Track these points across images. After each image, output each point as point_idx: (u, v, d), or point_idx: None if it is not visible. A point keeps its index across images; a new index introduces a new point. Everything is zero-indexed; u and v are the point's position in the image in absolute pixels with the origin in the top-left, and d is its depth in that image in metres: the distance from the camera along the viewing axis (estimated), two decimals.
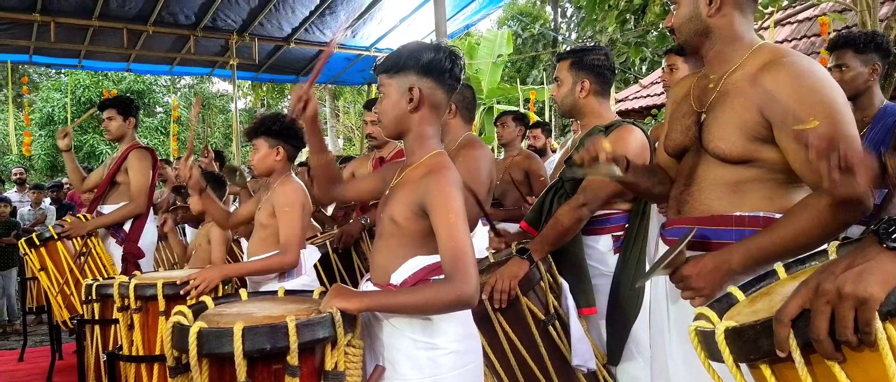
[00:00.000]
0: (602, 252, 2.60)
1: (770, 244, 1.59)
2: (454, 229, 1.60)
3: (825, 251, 1.31)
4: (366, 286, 1.86)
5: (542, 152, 5.86)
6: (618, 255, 2.58)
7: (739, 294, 1.29)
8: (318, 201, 4.05)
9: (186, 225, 6.19)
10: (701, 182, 1.77)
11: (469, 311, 1.76)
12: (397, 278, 1.73)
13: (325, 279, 3.41)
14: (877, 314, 0.84)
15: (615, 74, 2.82)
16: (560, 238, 2.43)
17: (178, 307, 1.76)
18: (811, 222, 1.55)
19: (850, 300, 0.87)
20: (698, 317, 1.22)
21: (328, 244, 3.32)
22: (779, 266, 1.34)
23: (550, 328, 2.28)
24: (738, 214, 1.70)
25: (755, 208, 1.68)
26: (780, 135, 1.62)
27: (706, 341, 1.10)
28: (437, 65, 1.72)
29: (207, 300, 1.92)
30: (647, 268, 1.71)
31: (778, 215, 1.66)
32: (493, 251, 2.70)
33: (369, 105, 3.79)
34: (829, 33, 6.31)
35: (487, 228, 2.72)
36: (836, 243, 1.30)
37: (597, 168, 1.78)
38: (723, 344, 1.03)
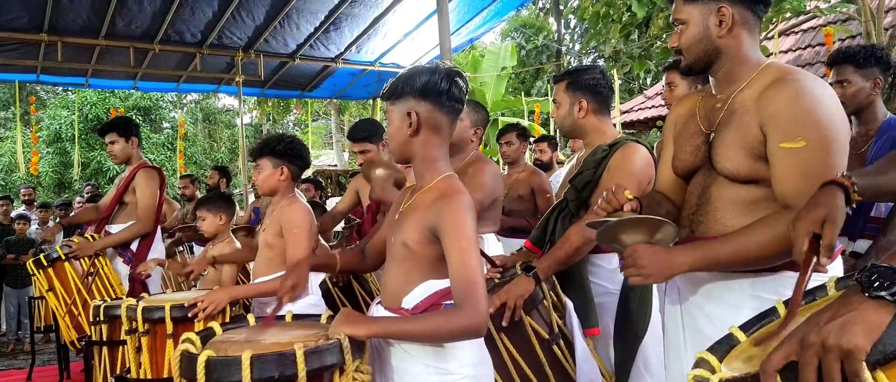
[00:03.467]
0: (609, 271, 2.59)
1: (723, 254, 1.62)
2: (466, 257, 1.59)
3: (824, 286, 1.31)
4: (376, 309, 1.86)
5: (548, 166, 5.85)
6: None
7: (740, 335, 1.30)
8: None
9: (193, 243, 6.21)
10: (714, 202, 1.77)
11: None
12: (409, 302, 1.73)
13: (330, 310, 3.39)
14: (864, 364, 0.84)
15: (613, 92, 2.81)
16: (569, 258, 2.41)
17: (186, 334, 1.77)
18: (770, 240, 1.56)
19: (836, 352, 0.87)
20: (698, 363, 1.23)
21: (328, 279, 3.31)
22: (779, 304, 1.34)
23: (555, 348, 2.26)
24: None
25: None
26: (768, 149, 1.63)
27: None
28: (433, 87, 1.73)
29: (215, 325, 1.92)
30: (613, 223, 1.70)
31: None
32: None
33: (352, 137, 3.71)
34: (834, 43, 6.31)
35: (495, 250, 2.70)
36: (835, 278, 1.30)
37: (620, 215, 1.75)
38: None
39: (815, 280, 1.58)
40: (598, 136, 2.63)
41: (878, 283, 0.88)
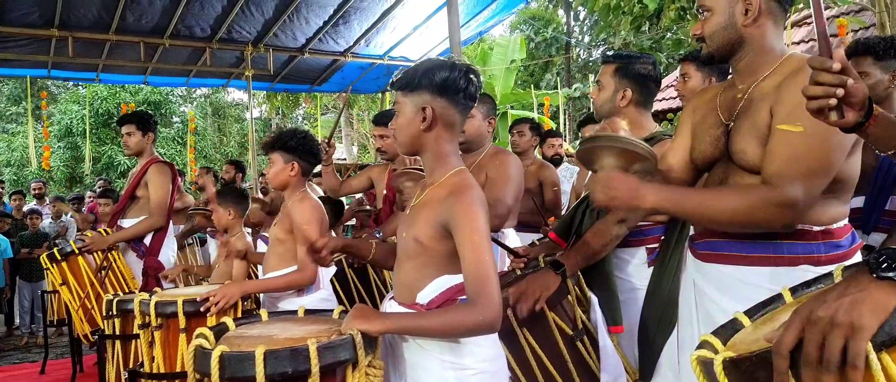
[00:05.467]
0: (636, 266, 2.53)
1: (690, 206, 1.65)
2: (478, 252, 1.59)
3: (831, 274, 1.30)
4: (389, 304, 1.86)
5: (559, 162, 5.85)
6: (653, 268, 2.50)
7: (745, 320, 1.29)
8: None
9: (207, 235, 6.24)
10: None
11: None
12: (423, 297, 1.73)
13: (341, 295, 3.41)
14: (870, 344, 0.84)
15: (660, 85, 2.72)
16: (596, 254, 2.36)
17: (199, 329, 1.77)
18: (738, 206, 1.59)
19: (842, 329, 0.87)
20: (702, 345, 1.22)
21: (343, 260, 3.33)
22: (785, 290, 1.33)
23: (579, 344, 2.22)
24: None
25: None
26: (770, 129, 1.62)
27: (706, 370, 1.10)
28: (451, 84, 1.72)
29: (228, 320, 1.93)
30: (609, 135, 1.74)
31: (815, 228, 1.66)
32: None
33: (377, 120, 3.79)
34: (847, 34, 6.25)
35: (506, 251, 2.67)
36: (842, 266, 1.29)
37: (612, 135, 1.75)
38: (721, 375, 1.04)
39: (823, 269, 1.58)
40: (635, 129, 2.52)
41: (886, 265, 0.89)
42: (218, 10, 6.32)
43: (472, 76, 1.75)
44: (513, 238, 3.19)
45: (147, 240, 4.30)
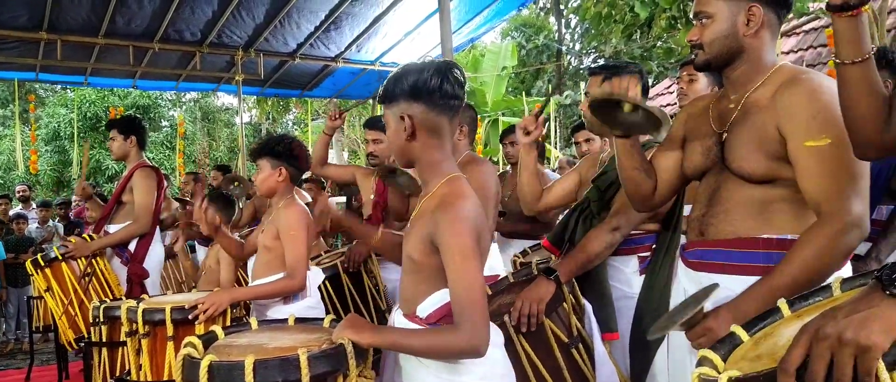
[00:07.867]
0: (628, 274, 2.54)
1: (781, 286, 1.54)
2: (462, 273, 1.51)
3: (829, 287, 1.29)
4: (396, 316, 1.80)
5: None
6: (644, 276, 2.50)
7: (743, 335, 1.27)
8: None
9: (196, 242, 6.18)
10: (725, 204, 1.74)
11: (500, 347, 1.71)
12: (422, 311, 1.68)
13: (335, 299, 3.39)
14: (882, 363, 0.82)
15: (648, 94, 2.71)
16: (590, 262, 2.37)
17: (188, 338, 1.75)
18: (817, 256, 1.53)
19: (851, 347, 0.85)
20: (701, 362, 1.20)
21: (339, 264, 3.30)
22: (782, 303, 1.31)
23: (574, 352, 2.23)
24: (765, 237, 1.67)
25: (783, 231, 1.66)
26: (791, 149, 1.60)
27: None
28: (422, 86, 1.62)
29: (217, 329, 1.90)
30: (663, 319, 1.65)
31: None
32: (512, 271, 2.65)
33: (369, 124, 3.75)
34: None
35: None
36: (840, 278, 1.27)
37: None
38: None
39: None
40: None
41: None
42: (208, 14, 6.29)
43: (447, 73, 1.64)
44: (494, 251, 3.17)
45: (132, 246, 4.24)
